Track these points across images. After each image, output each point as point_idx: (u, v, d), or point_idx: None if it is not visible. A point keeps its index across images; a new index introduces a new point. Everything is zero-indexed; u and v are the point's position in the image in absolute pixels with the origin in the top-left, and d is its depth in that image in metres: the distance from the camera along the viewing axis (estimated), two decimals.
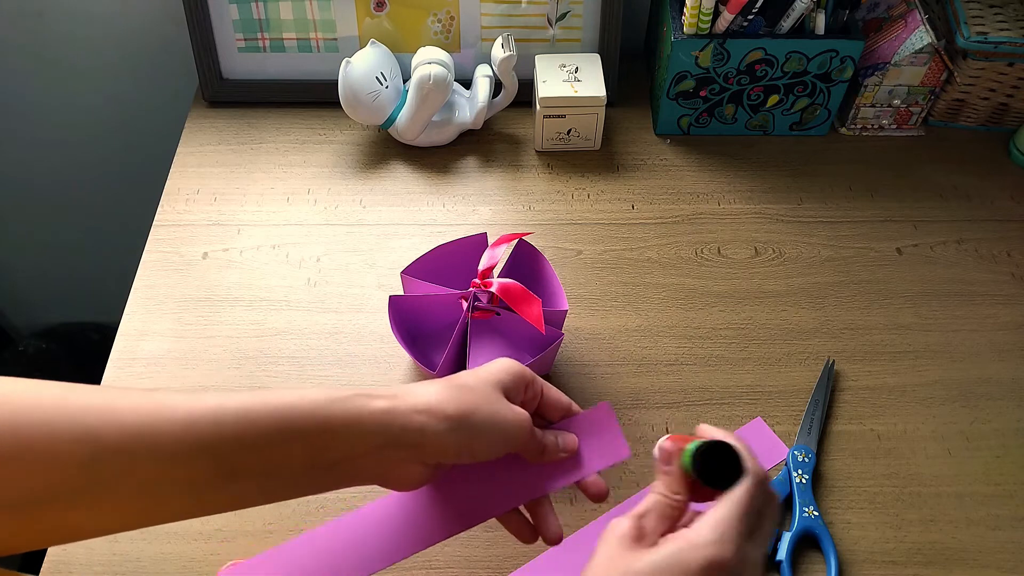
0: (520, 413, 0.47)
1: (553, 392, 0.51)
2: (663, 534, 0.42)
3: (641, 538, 0.41)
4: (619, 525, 0.42)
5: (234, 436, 0.40)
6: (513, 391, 0.48)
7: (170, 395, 0.41)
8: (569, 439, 0.51)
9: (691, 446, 0.42)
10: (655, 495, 0.43)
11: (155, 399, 0.40)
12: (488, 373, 0.48)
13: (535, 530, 0.51)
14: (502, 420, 0.46)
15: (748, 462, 0.42)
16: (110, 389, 0.40)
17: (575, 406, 0.52)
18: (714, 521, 0.40)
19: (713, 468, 0.42)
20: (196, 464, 0.39)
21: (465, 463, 0.47)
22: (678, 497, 0.43)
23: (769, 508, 0.42)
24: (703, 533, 0.40)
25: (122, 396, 0.40)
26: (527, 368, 0.49)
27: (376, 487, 0.46)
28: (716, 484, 0.42)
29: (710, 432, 0.45)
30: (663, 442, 0.44)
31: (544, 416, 0.52)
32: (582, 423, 0.52)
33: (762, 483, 0.42)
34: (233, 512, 0.61)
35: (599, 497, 0.50)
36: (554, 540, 0.50)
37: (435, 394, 0.45)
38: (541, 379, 0.51)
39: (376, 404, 0.43)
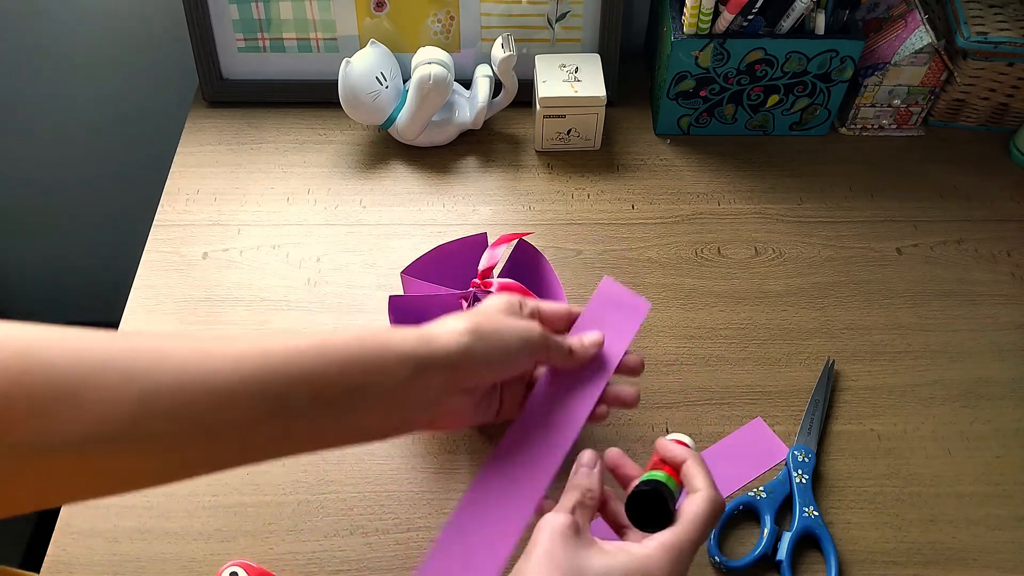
0: (531, 321, 0.50)
1: (548, 306, 0.54)
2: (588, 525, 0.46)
3: (578, 531, 0.44)
4: (558, 519, 0.45)
5: (282, 368, 0.41)
6: (514, 313, 0.51)
7: (217, 338, 0.42)
8: (592, 335, 0.54)
9: (633, 488, 0.47)
10: (578, 491, 0.47)
11: (203, 341, 0.41)
12: (492, 301, 0.52)
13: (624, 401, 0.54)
14: (514, 325, 0.49)
15: (706, 491, 0.46)
16: (157, 334, 0.41)
17: (575, 308, 0.55)
18: (669, 545, 0.44)
19: (644, 514, 0.46)
20: (247, 400, 0.40)
21: (501, 374, 0.49)
22: (594, 495, 0.47)
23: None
24: (656, 556, 0.43)
25: (170, 340, 0.40)
26: (514, 295, 0.53)
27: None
28: (642, 527, 0.46)
29: (666, 449, 0.49)
30: (611, 451, 0.50)
31: (547, 326, 0.53)
32: (596, 310, 0.55)
33: (719, 510, 0.46)
34: (233, 512, 0.61)
35: (636, 370, 0.55)
36: (632, 401, 0.54)
37: (452, 321, 0.48)
38: (533, 299, 0.54)
39: (405, 334, 0.46)
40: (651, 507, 0.46)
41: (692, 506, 0.46)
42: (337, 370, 0.43)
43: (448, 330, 0.47)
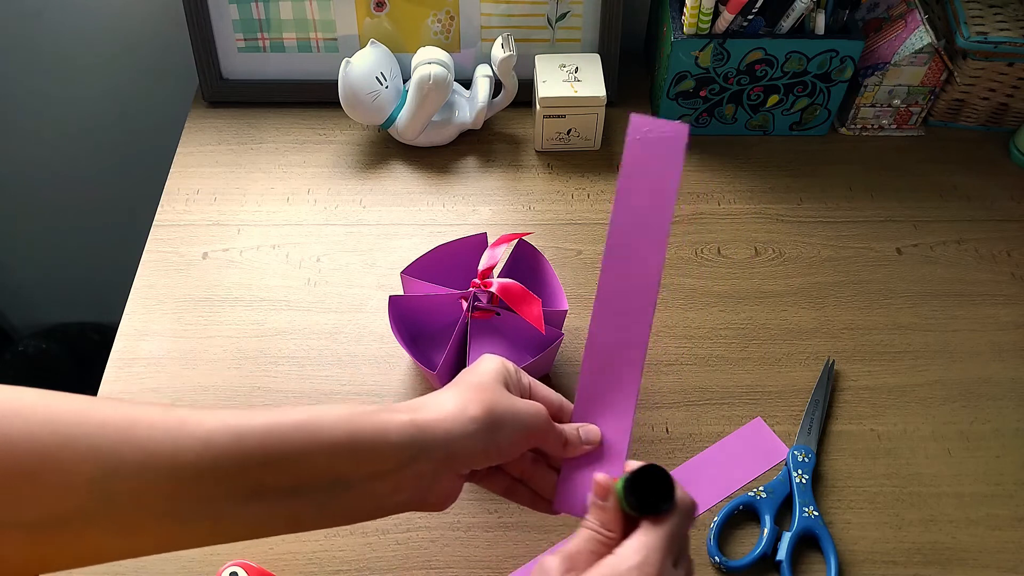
0: (534, 403, 0.47)
1: (542, 388, 0.50)
2: None
3: (571, 572, 0.41)
4: (550, 563, 0.41)
5: (257, 451, 0.39)
6: (511, 385, 0.48)
7: (192, 411, 0.39)
8: (591, 429, 0.49)
9: (622, 479, 0.43)
10: (588, 531, 0.43)
11: (176, 415, 0.39)
12: (488, 369, 0.47)
13: (540, 498, 0.50)
14: (522, 411, 0.45)
15: (677, 490, 0.42)
16: (130, 404, 0.39)
17: (567, 403, 0.51)
18: (638, 545, 0.41)
19: (646, 493, 0.42)
20: (217, 481, 0.38)
21: (497, 461, 0.46)
22: (611, 534, 0.43)
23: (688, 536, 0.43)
24: (627, 556, 0.40)
25: (142, 411, 0.38)
26: (504, 363, 0.49)
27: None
28: (650, 510, 0.42)
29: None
30: (598, 476, 0.44)
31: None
32: (633, 160, 0.50)
33: (690, 511, 0.43)
34: None
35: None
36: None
37: (453, 399, 0.44)
38: (527, 377, 0.50)
39: (400, 417, 0.42)
40: (654, 486, 0.43)
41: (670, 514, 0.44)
42: (325, 459, 0.40)
43: (453, 414, 0.43)
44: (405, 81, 0.84)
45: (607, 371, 0.49)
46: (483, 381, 0.46)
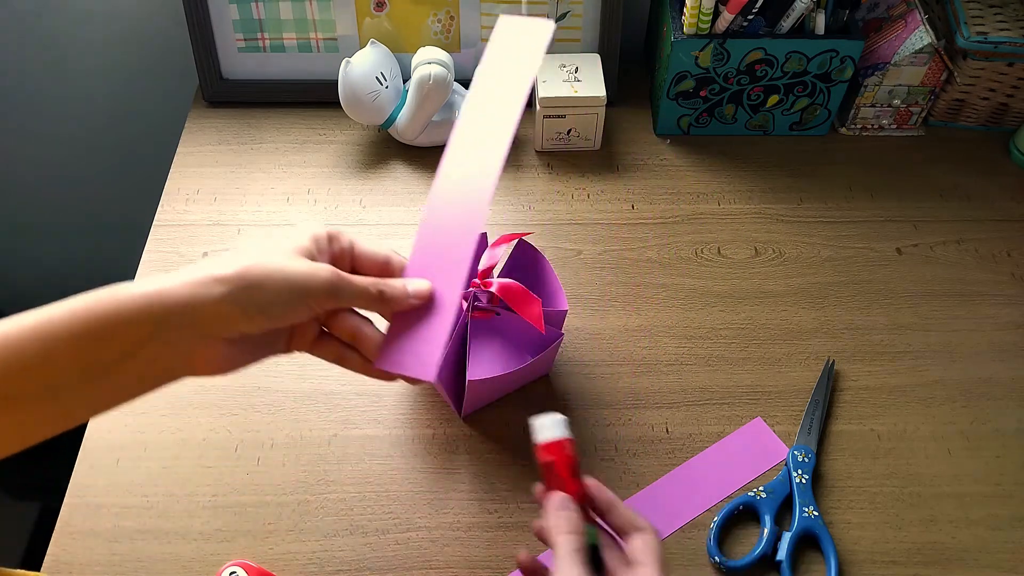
0: (316, 265, 0.44)
1: (366, 247, 0.48)
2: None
3: None
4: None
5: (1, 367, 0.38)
6: (316, 252, 0.46)
7: None
8: (418, 285, 0.47)
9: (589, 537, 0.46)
10: (570, 552, 0.44)
11: None
12: (281, 235, 0.46)
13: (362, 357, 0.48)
14: (290, 271, 0.43)
15: (649, 524, 0.46)
16: None
17: (395, 257, 0.49)
18: None
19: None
20: None
21: (266, 327, 0.43)
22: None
23: None
24: None
25: None
26: (329, 226, 0.47)
27: None
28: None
29: (599, 491, 0.47)
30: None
31: (361, 272, 0.48)
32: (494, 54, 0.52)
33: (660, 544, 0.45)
34: (233, 512, 0.61)
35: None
36: (374, 352, 0.47)
37: (208, 263, 0.42)
38: (349, 235, 0.48)
39: (134, 292, 0.41)
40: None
41: (649, 544, 0.45)
42: (65, 357, 0.39)
43: (196, 279, 0.41)
44: (405, 81, 0.84)
45: (445, 229, 0.48)
46: (261, 244, 0.45)
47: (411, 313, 0.47)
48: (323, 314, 0.47)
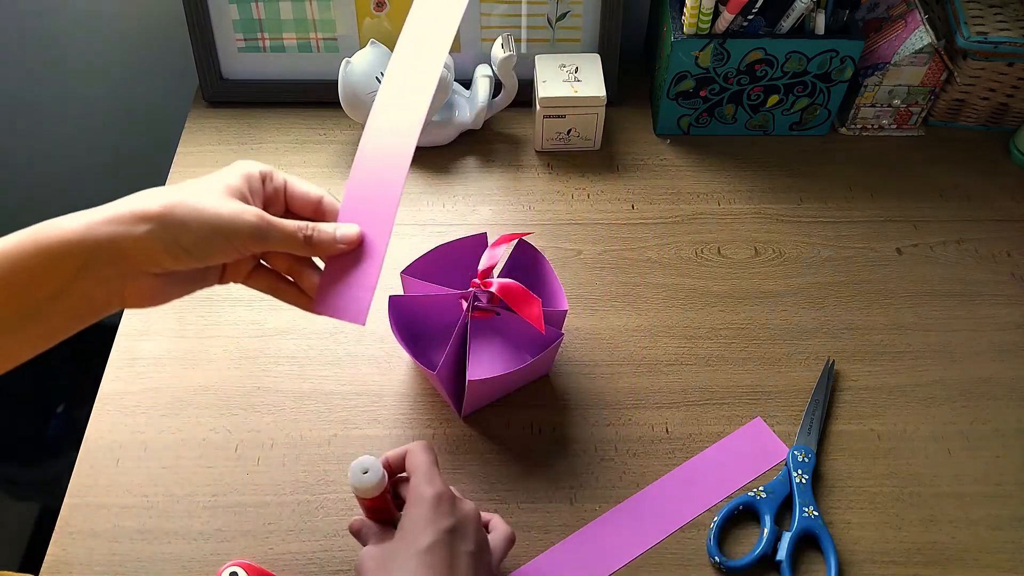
0: (243, 208, 0.45)
1: (299, 187, 0.49)
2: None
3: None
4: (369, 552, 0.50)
5: None
6: (248, 192, 0.46)
7: None
8: (347, 231, 0.48)
9: None
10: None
11: None
12: (213, 175, 0.46)
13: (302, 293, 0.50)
14: (215, 212, 0.43)
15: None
16: None
17: (327, 198, 0.49)
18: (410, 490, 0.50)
19: None
20: None
21: (192, 265, 0.44)
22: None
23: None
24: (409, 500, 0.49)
25: None
26: (262, 165, 0.48)
27: None
28: None
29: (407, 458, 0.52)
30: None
31: (294, 212, 0.49)
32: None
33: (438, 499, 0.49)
34: (233, 512, 0.61)
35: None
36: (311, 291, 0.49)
37: (137, 197, 0.43)
38: (284, 176, 0.49)
39: (64, 229, 0.41)
40: None
41: (415, 454, 0.51)
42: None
43: (122, 214, 0.42)
44: None
45: (375, 176, 0.50)
46: (191, 184, 0.45)
47: (345, 257, 0.48)
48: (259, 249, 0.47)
